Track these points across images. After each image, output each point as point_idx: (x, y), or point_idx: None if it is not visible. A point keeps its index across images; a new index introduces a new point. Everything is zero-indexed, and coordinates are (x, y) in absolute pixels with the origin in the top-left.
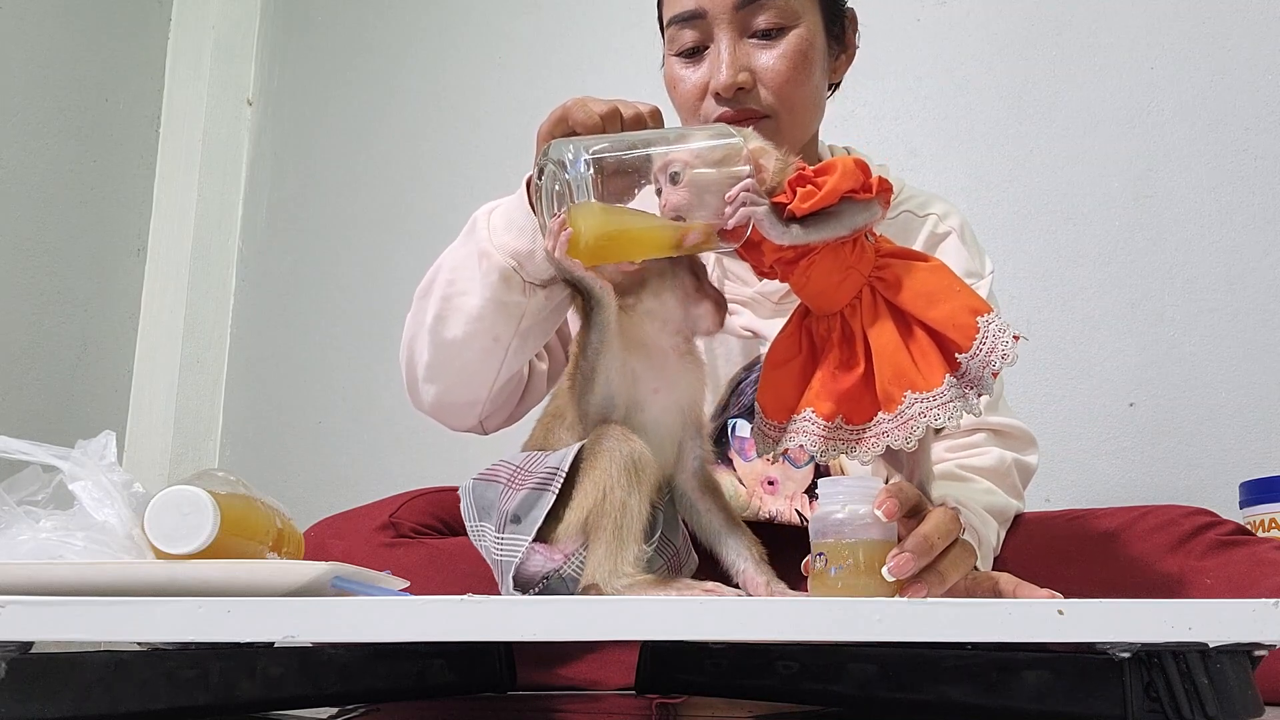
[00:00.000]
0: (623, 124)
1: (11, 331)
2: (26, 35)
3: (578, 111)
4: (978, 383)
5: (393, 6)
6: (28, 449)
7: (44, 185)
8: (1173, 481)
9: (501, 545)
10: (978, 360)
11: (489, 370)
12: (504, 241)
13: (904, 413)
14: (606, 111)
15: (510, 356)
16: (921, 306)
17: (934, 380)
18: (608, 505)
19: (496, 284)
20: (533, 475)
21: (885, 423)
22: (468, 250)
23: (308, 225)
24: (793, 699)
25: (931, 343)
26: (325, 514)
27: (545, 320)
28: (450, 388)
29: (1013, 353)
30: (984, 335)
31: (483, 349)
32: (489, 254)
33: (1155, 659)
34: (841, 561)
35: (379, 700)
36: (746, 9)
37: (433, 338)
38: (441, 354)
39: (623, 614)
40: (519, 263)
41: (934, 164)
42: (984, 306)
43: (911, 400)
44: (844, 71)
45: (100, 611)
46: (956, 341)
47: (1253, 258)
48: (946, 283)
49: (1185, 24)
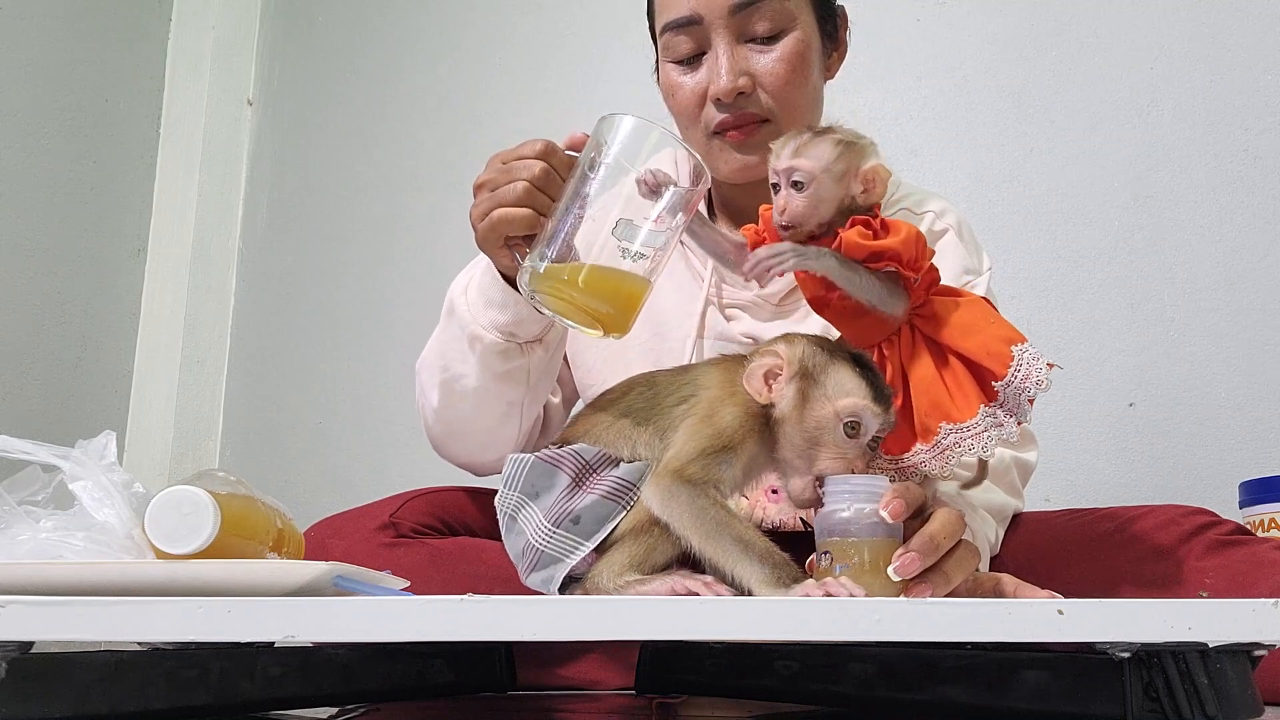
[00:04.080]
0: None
1: (11, 331)
2: (26, 36)
3: (504, 223)
4: (1015, 410)
5: (393, 6)
6: (28, 449)
7: (44, 185)
8: (1173, 481)
9: (552, 539)
10: (1013, 387)
11: (511, 429)
12: (488, 320)
13: (940, 443)
14: (522, 195)
15: (528, 408)
16: (957, 338)
17: (969, 411)
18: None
19: (494, 360)
20: (603, 481)
21: (923, 453)
22: (452, 333)
23: (308, 225)
24: (793, 699)
25: (967, 373)
26: (325, 514)
27: (550, 363)
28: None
29: (1047, 379)
30: (1019, 363)
31: (498, 414)
32: (479, 336)
33: (1155, 659)
34: (847, 560)
35: (379, 700)
36: (742, 13)
37: (444, 415)
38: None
39: (623, 614)
40: (510, 333)
41: (934, 164)
42: (1018, 336)
43: (947, 431)
44: (837, 69)
45: (100, 611)
46: (992, 370)
47: (1253, 258)
48: (982, 314)
49: (1185, 24)
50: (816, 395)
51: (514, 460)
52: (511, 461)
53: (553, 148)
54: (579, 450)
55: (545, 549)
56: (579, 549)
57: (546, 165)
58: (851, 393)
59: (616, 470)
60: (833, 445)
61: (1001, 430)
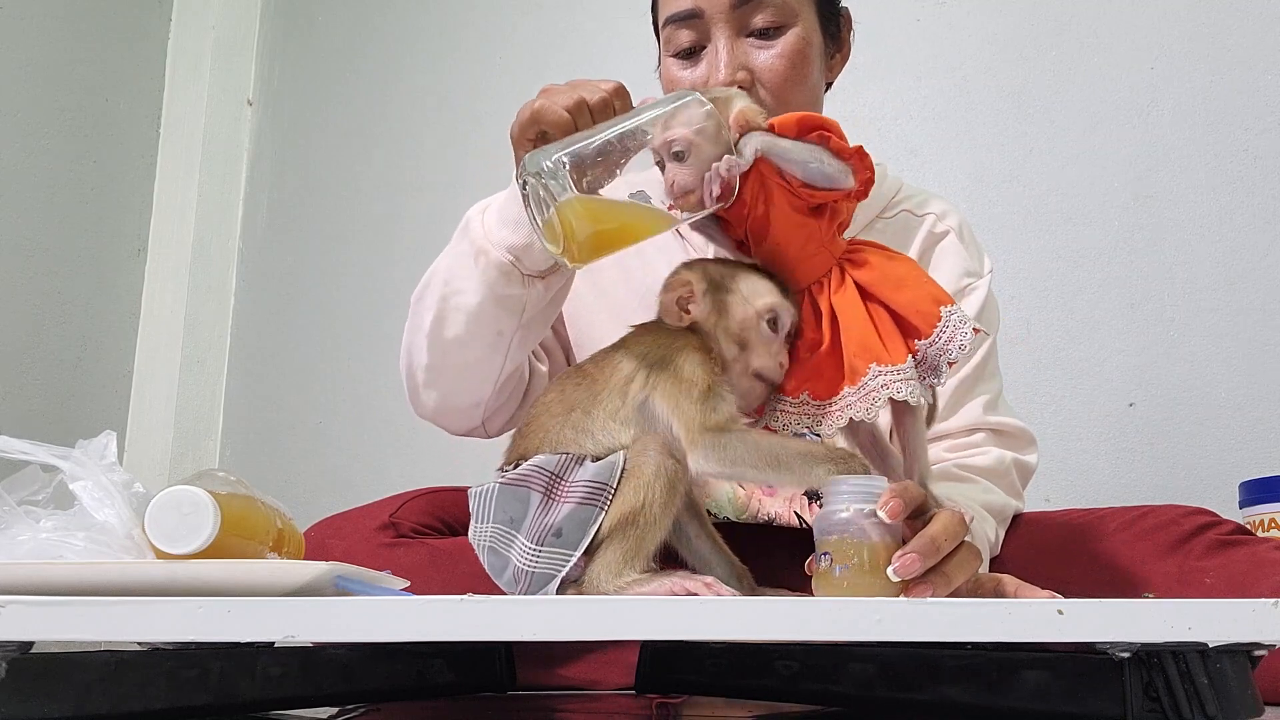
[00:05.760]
0: (590, 111)
1: (11, 331)
2: (27, 36)
3: (546, 114)
4: (933, 371)
5: (393, 6)
6: (28, 449)
7: (44, 185)
8: (1173, 481)
9: (539, 558)
10: (935, 348)
11: (493, 366)
12: (500, 237)
13: (867, 384)
14: (573, 104)
15: (514, 350)
16: (888, 291)
17: (899, 356)
18: (642, 517)
19: (496, 280)
20: (575, 488)
21: (849, 395)
22: (461, 250)
23: (308, 225)
24: (793, 699)
25: (895, 326)
26: (325, 514)
27: (546, 309)
28: (453, 390)
29: (970, 344)
30: (945, 323)
31: (486, 345)
32: (486, 251)
33: (1155, 659)
34: (846, 561)
35: (379, 700)
36: (744, 8)
37: (432, 340)
38: (442, 355)
39: (623, 614)
40: (516, 256)
41: (934, 164)
42: (947, 298)
43: (876, 372)
44: (839, 71)
45: (100, 611)
46: (918, 327)
47: (1253, 258)
48: (914, 273)
49: (1185, 24)
50: (734, 302)
51: (477, 493)
52: (475, 495)
53: (624, 91)
54: (539, 463)
55: (535, 570)
56: (567, 560)
57: (609, 99)
58: (766, 293)
59: (585, 473)
60: (759, 343)
61: (920, 386)
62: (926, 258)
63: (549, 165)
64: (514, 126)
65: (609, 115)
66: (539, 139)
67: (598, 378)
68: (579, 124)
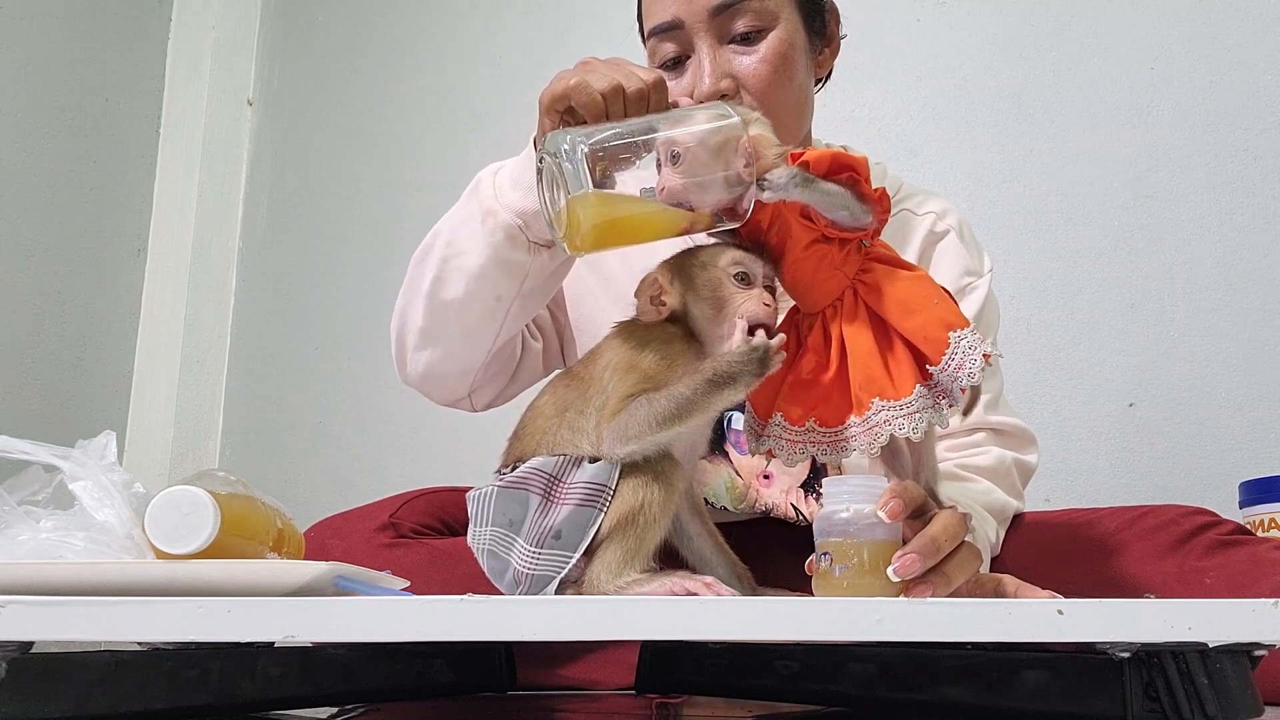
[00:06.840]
0: (625, 100)
1: (11, 331)
2: (27, 36)
3: (580, 93)
4: (948, 394)
5: (393, 6)
6: (28, 449)
7: (44, 185)
8: (1173, 481)
9: (539, 560)
10: (946, 374)
11: (488, 332)
12: (510, 200)
13: (870, 419)
14: (609, 89)
15: (510, 319)
16: (898, 315)
17: (904, 389)
18: (641, 517)
19: (501, 242)
20: (574, 489)
21: (854, 426)
22: (469, 210)
23: (308, 225)
24: (793, 699)
25: (907, 352)
26: (325, 514)
27: (547, 281)
28: (445, 353)
29: (980, 373)
30: (954, 351)
31: (484, 308)
32: (494, 212)
33: (1155, 659)
34: (846, 561)
35: (379, 700)
36: (722, 15)
37: (430, 300)
38: (439, 316)
39: (623, 614)
40: (525, 221)
41: (934, 164)
42: (959, 321)
43: (879, 407)
44: (830, 64)
45: (100, 611)
46: (926, 355)
47: (1253, 258)
48: (926, 293)
49: (1185, 24)
50: (700, 274)
51: (475, 496)
52: (473, 498)
53: (664, 84)
54: (537, 466)
55: (534, 572)
56: (567, 561)
57: (646, 91)
58: (725, 251)
59: (584, 474)
60: (735, 295)
61: (936, 412)
62: (926, 257)
63: (568, 149)
64: (545, 94)
65: (643, 109)
66: (567, 114)
67: (585, 377)
68: (611, 112)
